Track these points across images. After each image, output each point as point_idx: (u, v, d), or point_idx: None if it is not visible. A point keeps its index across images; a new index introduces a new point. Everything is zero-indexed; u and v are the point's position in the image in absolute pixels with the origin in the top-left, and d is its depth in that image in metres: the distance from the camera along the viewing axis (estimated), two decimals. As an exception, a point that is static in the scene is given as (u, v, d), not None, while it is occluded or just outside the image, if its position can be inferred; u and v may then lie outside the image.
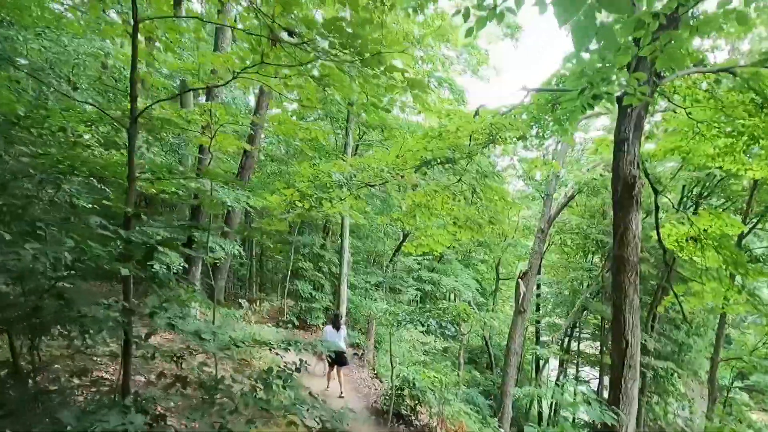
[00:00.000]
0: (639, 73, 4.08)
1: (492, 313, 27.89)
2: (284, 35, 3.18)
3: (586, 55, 3.84)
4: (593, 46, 2.71)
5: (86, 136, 4.38)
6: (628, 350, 5.57)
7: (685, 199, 17.09)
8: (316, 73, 3.34)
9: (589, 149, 20.33)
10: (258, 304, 11.86)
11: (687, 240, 7.87)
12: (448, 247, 8.75)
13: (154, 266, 8.68)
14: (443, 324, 9.99)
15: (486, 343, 26.04)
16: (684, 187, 16.49)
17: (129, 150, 2.81)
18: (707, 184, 16.38)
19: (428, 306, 10.23)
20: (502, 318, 31.40)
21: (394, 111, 20.44)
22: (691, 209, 15.87)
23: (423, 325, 10.24)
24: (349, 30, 2.73)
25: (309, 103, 3.72)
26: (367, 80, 3.11)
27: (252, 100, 16.83)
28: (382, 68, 2.84)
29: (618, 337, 5.70)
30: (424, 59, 14.68)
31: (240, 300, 11.69)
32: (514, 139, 6.87)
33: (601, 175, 17.69)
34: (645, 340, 17.12)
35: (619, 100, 5.07)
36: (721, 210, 13.93)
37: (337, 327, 9.02)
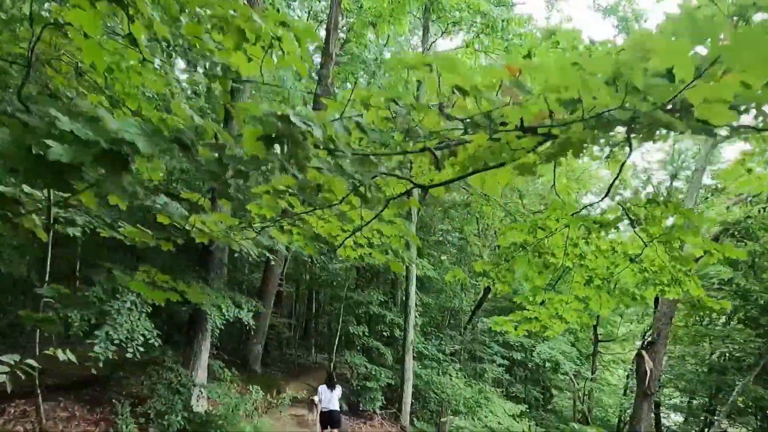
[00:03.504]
0: None
1: (591, 383, 23.03)
2: None
3: None
4: None
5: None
6: None
7: None
8: None
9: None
10: (275, 393, 8.63)
11: None
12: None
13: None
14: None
15: (585, 417, 21.22)
16: None
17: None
18: None
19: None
20: (607, 391, 26.51)
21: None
22: None
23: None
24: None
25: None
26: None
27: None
28: None
29: None
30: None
31: (251, 387, 8.58)
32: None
33: (760, 211, 12.88)
34: None
35: None
36: None
37: (331, 386, 8.70)
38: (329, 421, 8.54)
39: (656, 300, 16.46)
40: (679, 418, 23.64)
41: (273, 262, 11.87)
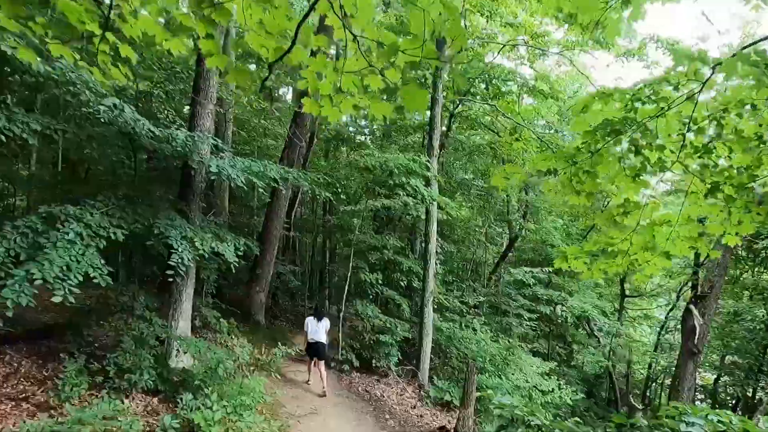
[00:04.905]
0: None
1: (618, 338, 21.87)
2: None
3: None
4: None
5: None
6: None
7: None
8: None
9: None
10: (265, 349, 7.36)
11: None
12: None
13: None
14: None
15: (610, 374, 20.13)
16: None
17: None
18: None
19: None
20: (634, 348, 25.60)
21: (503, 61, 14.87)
22: None
23: None
24: None
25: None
26: None
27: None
28: None
29: None
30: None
31: (236, 340, 7.30)
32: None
33: None
34: None
35: None
36: None
37: (318, 317, 8.71)
38: (314, 352, 8.50)
39: (697, 252, 14.67)
40: (708, 375, 22.45)
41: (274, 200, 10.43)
